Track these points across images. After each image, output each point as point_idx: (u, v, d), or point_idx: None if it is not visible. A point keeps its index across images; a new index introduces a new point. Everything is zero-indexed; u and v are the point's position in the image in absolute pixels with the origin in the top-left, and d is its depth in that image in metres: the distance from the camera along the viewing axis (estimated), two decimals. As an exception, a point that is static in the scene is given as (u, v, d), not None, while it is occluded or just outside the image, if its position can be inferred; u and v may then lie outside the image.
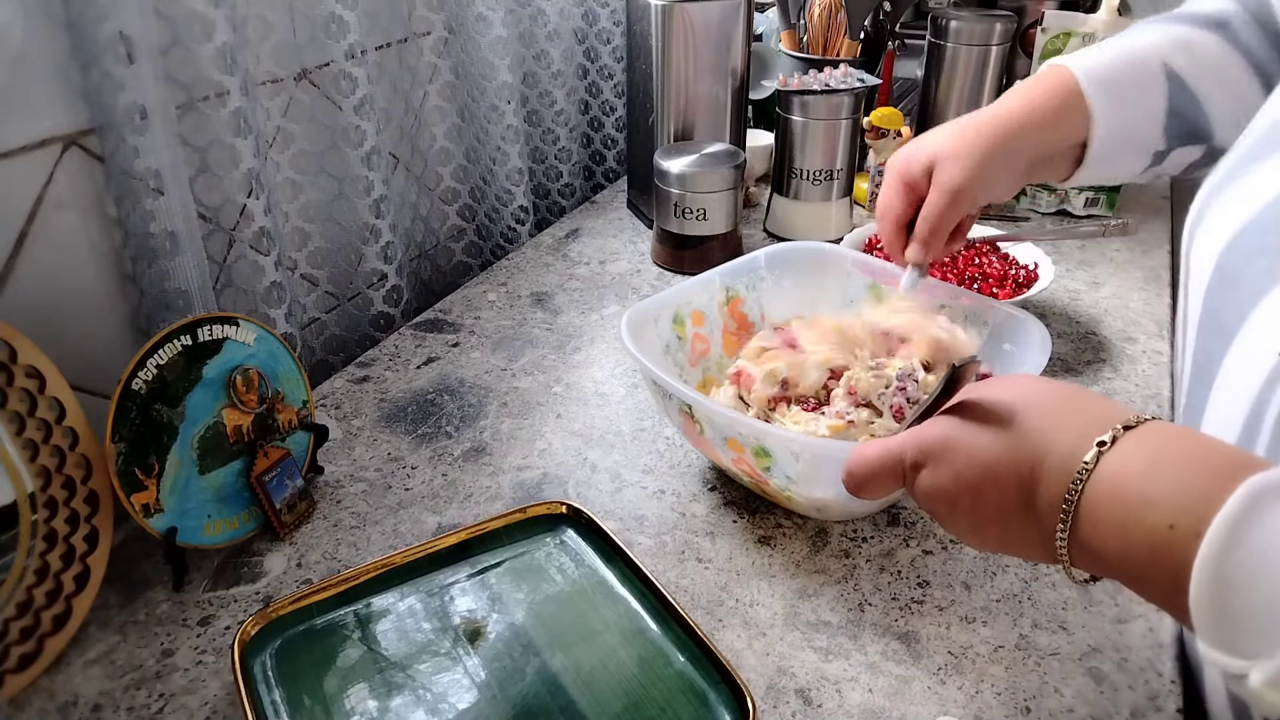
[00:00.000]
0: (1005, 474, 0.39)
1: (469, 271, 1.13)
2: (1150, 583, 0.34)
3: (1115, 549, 0.34)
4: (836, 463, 0.57)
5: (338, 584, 0.56)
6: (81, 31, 0.60)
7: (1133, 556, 0.34)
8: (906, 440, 0.43)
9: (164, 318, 0.68)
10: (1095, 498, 0.35)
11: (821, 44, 1.24)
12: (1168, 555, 0.32)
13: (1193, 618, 0.30)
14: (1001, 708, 0.50)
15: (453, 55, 1.01)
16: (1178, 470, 0.33)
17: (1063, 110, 0.62)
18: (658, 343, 0.69)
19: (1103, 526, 0.35)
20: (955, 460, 0.40)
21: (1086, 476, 0.35)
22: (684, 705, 0.49)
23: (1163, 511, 0.32)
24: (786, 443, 0.55)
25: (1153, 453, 0.34)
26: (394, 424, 0.76)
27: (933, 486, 0.42)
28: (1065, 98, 0.62)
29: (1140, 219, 1.09)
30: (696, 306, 0.72)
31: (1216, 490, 0.31)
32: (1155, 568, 0.33)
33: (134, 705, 0.52)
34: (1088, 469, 0.35)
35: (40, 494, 0.53)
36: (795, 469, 0.57)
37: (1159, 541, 0.32)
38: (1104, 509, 0.35)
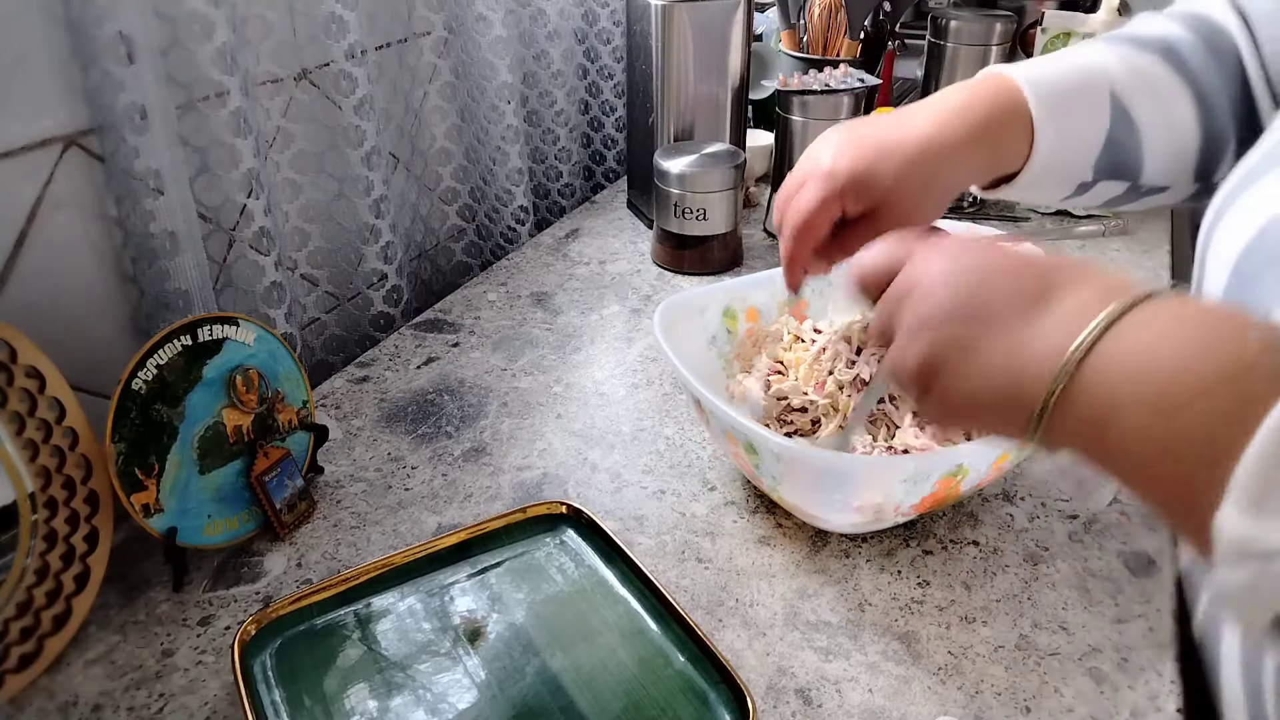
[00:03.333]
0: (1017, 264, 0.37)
1: (469, 271, 1.13)
2: (1176, 467, 0.31)
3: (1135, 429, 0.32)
4: (812, 469, 0.56)
5: (338, 584, 0.56)
6: (81, 31, 0.60)
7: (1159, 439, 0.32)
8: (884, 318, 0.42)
9: (164, 318, 0.68)
10: (1116, 375, 0.33)
11: (821, 44, 1.24)
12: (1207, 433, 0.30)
13: (1233, 493, 0.28)
14: (1001, 708, 0.50)
15: (453, 55, 1.01)
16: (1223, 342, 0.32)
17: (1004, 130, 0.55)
18: (701, 334, 0.69)
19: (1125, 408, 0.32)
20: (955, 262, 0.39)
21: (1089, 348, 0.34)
22: (684, 705, 0.49)
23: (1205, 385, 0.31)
24: (767, 443, 0.55)
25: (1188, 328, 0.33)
26: (394, 424, 0.76)
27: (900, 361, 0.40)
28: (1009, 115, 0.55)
29: (1140, 219, 1.09)
30: (753, 303, 0.72)
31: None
32: (1190, 447, 0.31)
33: (134, 705, 0.52)
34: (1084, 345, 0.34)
35: (40, 494, 0.53)
36: (778, 469, 0.57)
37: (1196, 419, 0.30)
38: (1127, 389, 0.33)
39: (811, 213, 0.55)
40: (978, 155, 0.55)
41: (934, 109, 0.56)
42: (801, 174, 0.57)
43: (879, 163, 0.54)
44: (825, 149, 0.56)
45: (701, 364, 0.67)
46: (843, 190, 0.54)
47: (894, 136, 0.54)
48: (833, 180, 0.54)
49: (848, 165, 0.54)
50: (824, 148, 0.56)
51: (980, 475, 0.57)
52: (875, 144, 0.54)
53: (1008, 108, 0.55)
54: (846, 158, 0.54)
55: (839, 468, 0.56)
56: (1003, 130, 0.55)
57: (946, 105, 0.56)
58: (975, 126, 0.54)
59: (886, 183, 0.54)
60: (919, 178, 0.54)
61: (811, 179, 0.55)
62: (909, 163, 0.54)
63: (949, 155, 0.54)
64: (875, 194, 0.54)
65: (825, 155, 0.55)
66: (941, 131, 0.54)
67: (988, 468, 0.56)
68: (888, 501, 0.55)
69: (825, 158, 0.55)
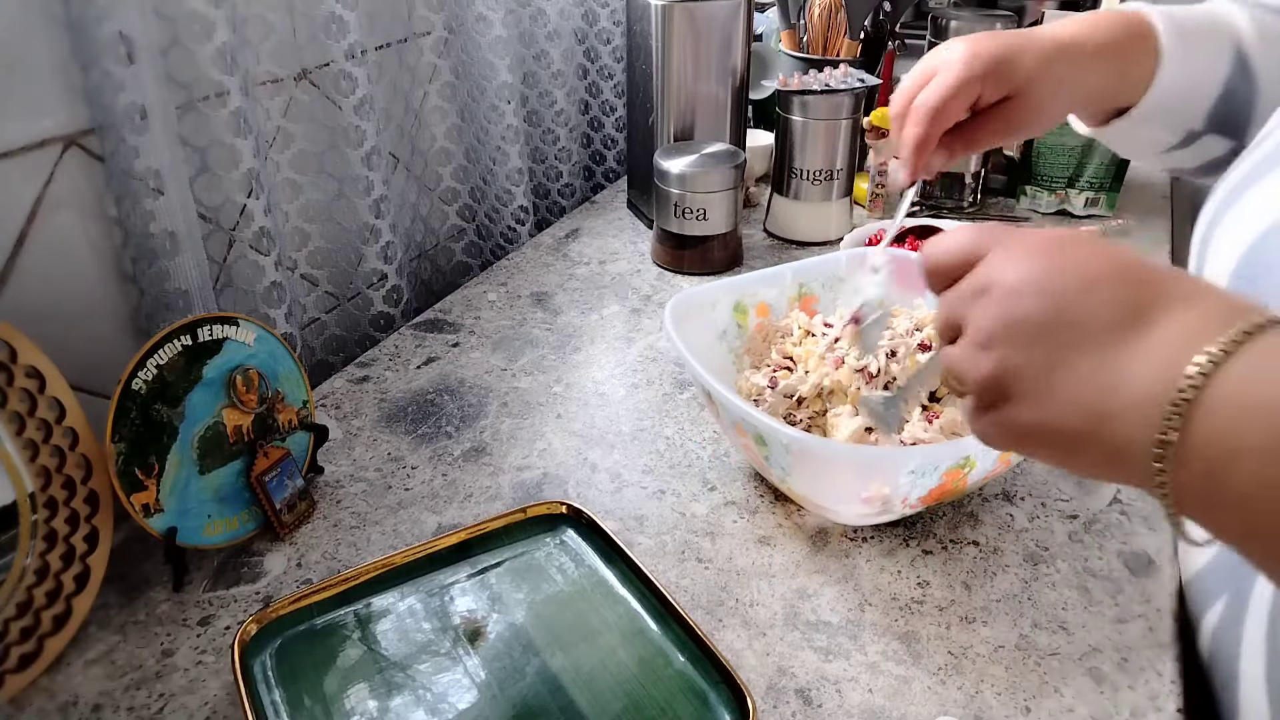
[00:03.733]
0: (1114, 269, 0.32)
1: (469, 271, 1.13)
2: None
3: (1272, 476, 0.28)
4: (821, 460, 0.57)
5: (338, 584, 0.56)
6: (81, 31, 0.60)
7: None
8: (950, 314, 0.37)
9: (164, 318, 0.68)
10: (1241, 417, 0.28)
11: (821, 44, 1.24)
12: None
13: None
14: (1001, 708, 0.50)
15: (453, 55, 1.01)
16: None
17: (1133, 51, 0.57)
18: (711, 329, 0.70)
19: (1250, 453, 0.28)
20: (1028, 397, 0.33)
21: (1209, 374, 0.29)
22: (684, 705, 0.49)
23: None
24: (777, 434, 0.55)
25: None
26: (394, 424, 0.76)
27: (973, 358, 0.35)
28: (1139, 38, 0.58)
29: (1140, 219, 1.09)
30: (764, 299, 0.73)
31: None
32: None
33: (134, 705, 0.52)
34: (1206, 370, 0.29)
35: (40, 494, 0.53)
36: (787, 461, 0.57)
37: None
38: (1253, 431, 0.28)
39: (952, 90, 0.56)
40: (1107, 68, 0.58)
41: (1068, 23, 0.59)
42: (931, 65, 0.58)
43: (1020, 51, 0.56)
44: (960, 43, 0.58)
45: (712, 358, 0.68)
46: (984, 74, 0.56)
47: (1032, 35, 0.57)
48: (975, 62, 0.56)
49: (990, 50, 0.56)
50: (959, 42, 0.58)
51: (987, 468, 0.57)
52: (1014, 36, 0.57)
53: (1139, 33, 0.58)
54: (988, 43, 0.56)
55: (847, 459, 0.57)
56: (1132, 51, 0.58)
57: (1081, 20, 0.59)
58: (1108, 41, 0.57)
59: (1026, 70, 0.56)
60: (1056, 72, 0.57)
61: (947, 65, 0.57)
62: (1047, 57, 0.56)
63: (1083, 59, 0.57)
64: (1014, 80, 0.56)
65: (961, 45, 0.57)
66: (1075, 38, 0.57)
67: (994, 460, 0.56)
68: (895, 493, 0.56)
69: (962, 46, 0.57)
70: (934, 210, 1.13)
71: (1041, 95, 0.57)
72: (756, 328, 0.72)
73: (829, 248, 1.04)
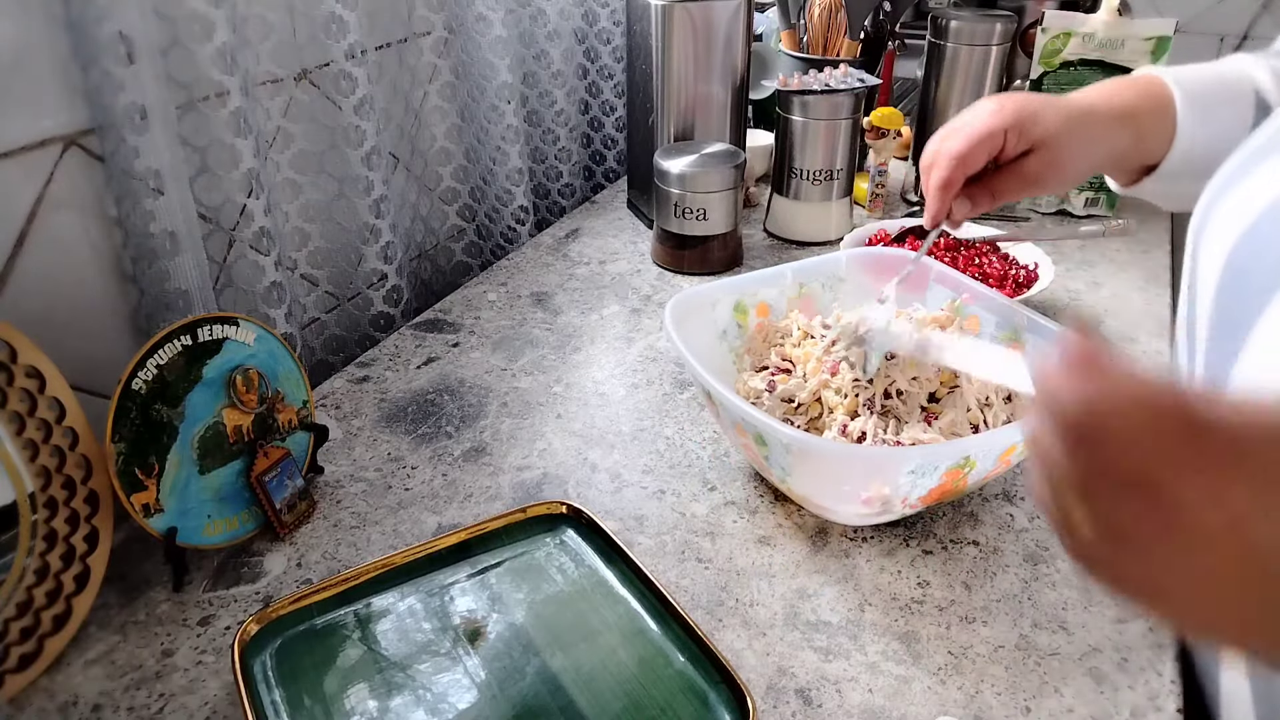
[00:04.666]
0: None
1: (469, 271, 1.13)
2: None
3: None
4: (821, 460, 0.57)
5: (338, 584, 0.56)
6: (81, 31, 0.60)
7: None
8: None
9: (164, 318, 0.68)
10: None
11: (821, 44, 1.24)
12: None
13: None
14: (1001, 708, 0.50)
15: (453, 55, 1.01)
16: None
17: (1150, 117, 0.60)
18: (712, 328, 0.70)
19: None
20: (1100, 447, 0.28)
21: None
22: (684, 705, 0.49)
23: None
24: (777, 434, 0.55)
25: None
26: (394, 424, 0.76)
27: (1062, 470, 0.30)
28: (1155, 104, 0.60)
29: (1140, 219, 1.09)
30: (764, 298, 0.73)
31: None
32: None
33: (134, 705, 0.52)
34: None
35: (40, 494, 0.53)
36: (787, 460, 0.57)
37: None
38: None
39: (976, 139, 0.59)
40: (1124, 132, 0.60)
41: (1088, 91, 0.62)
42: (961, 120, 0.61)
43: (1043, 108, 0.59)
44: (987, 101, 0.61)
45: (712, 358, 0.68)
46: (1008, 127, 0.59)
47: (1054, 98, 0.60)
48: (1000, 115, 0.59)
49: (1015, 105, 0.59)
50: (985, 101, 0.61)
51: (987, 468, 0.57)
52: (1039, 98, 0.60)
53: (1155, 98, 0.60)
54: (1014, 100, 0.59)
55: (847, 459, 0.57)
56: (1148, 116, 0.60)
57: (1100, 88, 0.62)
58: (1125, 107, 0.60)
59: (1047, 127, 0.59)
60: (1078, 133, 0.59)
61: (975, 115, 0.60)
62: (1068, 117, 0.59)
63: (1102, 123, 0.60)
64: (1036, 135, 0.59)
65: (989, 100, 0.60)
66: (1094, 104, 0.60)
67: (995, 460, 0.56)
68: (895, 493, 0.56)
69: (989, 102, 0.60)
70: (934, 210, 1.12)
71: (1061, 152, 0.60)
72: (757, 328, 0.72)
73: (829, 248, 1.04)
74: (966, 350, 0.57)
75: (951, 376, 0.63)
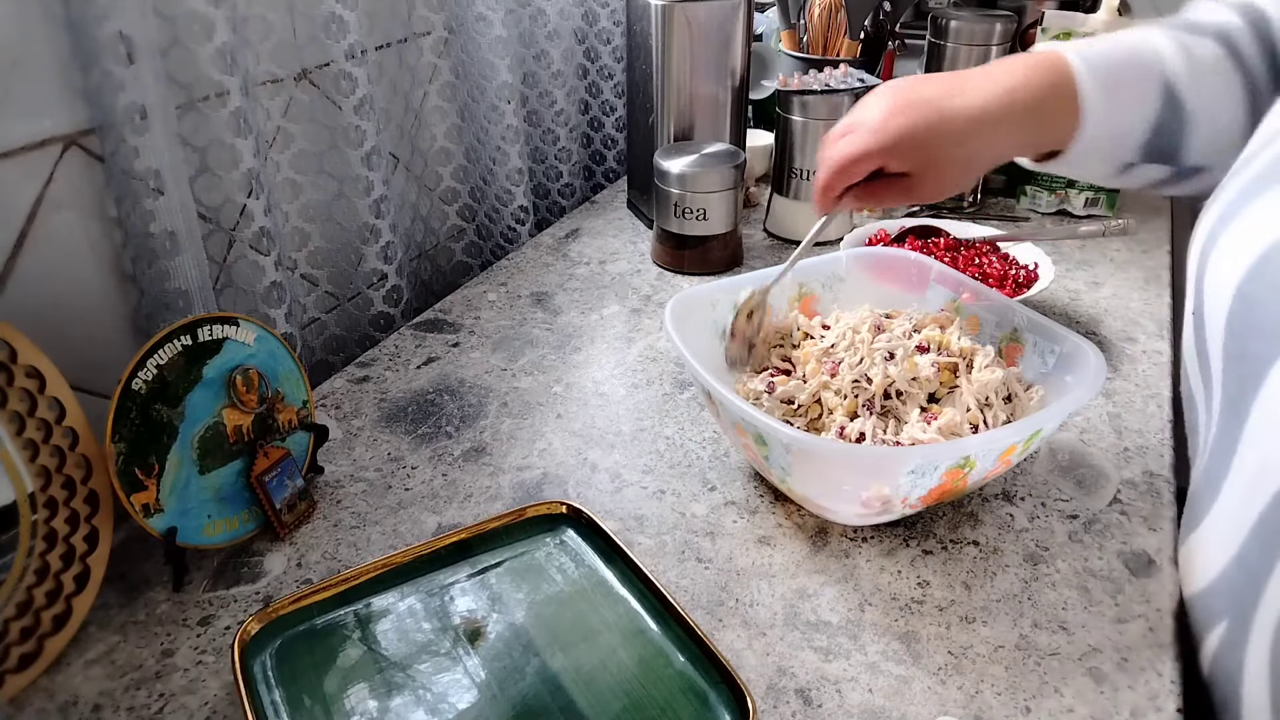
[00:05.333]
0: None
1: (469, 271, 1.13)
2: None
3: None
4: (821, 460, 0.57)
5: (338, 584, 0.56)
6: (81, 31, 0.60)
7: None
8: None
9: (164, 318, 0.68)
10: None
11: (821, 44, 1.24)
12: None
13: None
14: (1001, 708, 0.50)
15: (453, 55, 1.01)
16: None
17: (1054, 111, 0.57)
18: (712, 328, 0.70)
19: None
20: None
21: None
22: (684, 705, 0.49)
23: None
24: (777, 434, 0.55)
25: None
26: (394, 424, 0.76)
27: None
28: (1060, 96, 0.57)
29: (1140, 219, 1.09)
30: None
31: None
32: None
33: (134, 705, 0.52)
34: None
35: (40, 494, 0.53)
36: (787, 460, 0.57)
37: None
38: None
39: (852, 159, 0.57)
40: (1024, 133, 0.58)
41: (989, 82, 0.58)
42: (853, 120, 0.59)
43: (930, 131, 0.56)
44: (882, 101, 0.58)
45: (712, 358, 0.67)
46: (888, 149, 0.57)
47: (949, 106, 0.56)
48: (881, 136, 0.56)
49: (900, 126, 0.56)
50: (881, 100, 0.58)
51: (987, 468, 0.57)
52: (930, 111, 0.56)
53: (1060, 88, 0.57)
54: (901, 117, 0.56)
55: (847, 459, 0.57)
56: (1053, 111, 0.57)
57: (1002, 81, 0.58)
58: (1027, 106, 0.57)
59: (932, 152, 0.56)
60: (964, 153, 0.57)
61: (862, 128, 0.57)
62: (958, 138, 0.56)
63: (997, 132, 0.57)
64: (918, 160, 0.57)
65: (880, 109, 0.57)
66: (991, 107, 0.56)
67: (995, 460, 0.56)
68: (895, 493, 0.56)
69: (879, 111, 0.57)
70: (934, 210, 1.13)
71: (948, 172, 0.58)
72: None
73: (829, 248, 1.04)
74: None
75: (951, 377, 0.63)
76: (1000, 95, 0.57)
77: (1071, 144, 0.58)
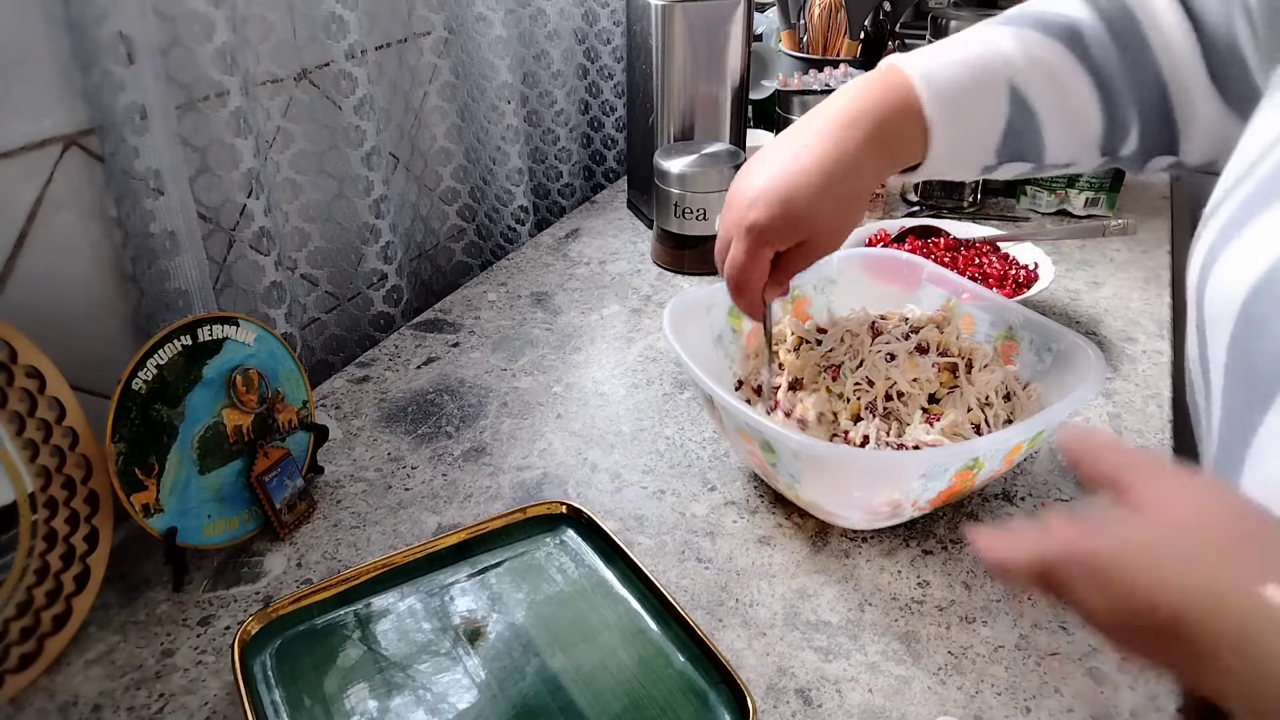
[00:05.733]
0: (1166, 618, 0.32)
1: (469, 271, 1.13)
2: None
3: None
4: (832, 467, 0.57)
5: (338, 584, 0.56)
6: (81, 31, 0.60)
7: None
8: (1061, 550, 0.35)
9: (164, 318, 0.68)
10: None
11: (821, 44, 1.24)
12: None
13: None
14: (1001, 708, 0.50)
15: (453, 55, 1.01)
16: None
17: (899, 135, 0.57)
18: (708, 332, 0.70)
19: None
20: (1113, 588, 0.33)
21: None
22: (684, 705, 0.49)
23: None
24: (786, 441, 0.55)
25: None
26: (394, 424, 0.76)
27: (1081, 609, 0.35)
28: (903, 118, 0.56)
29: (1140, 219, 1.09)
30: None
31: None
32: None
33: (134, 705, 0.52)
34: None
35: (40, 494, 0.53)
36: (796, 467, 0.57)
37: None
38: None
39: (744, 268, 0.58)
40: (877, 162, 0.57)
41: (828, 123, 0.57)
42: (726, 231, 0.59)
43: (790, 205, 0.56)
44: (739, 202, 0.58)
45: (709, 362, 0.67)
46: (766, 241, 0.57)
47: (797, 172, 0.56)
48: (753, 234, 0.57)
49: (764, 218, 0.56)
50: (737, 200, 0.58)
51: (994, 468, 0.57)
52: (782, 187, 0.56)
53: (902, 110, 0.56)
54: (758, 210, 0.56)
55: (859, 465, 0.57)
56: (898, 135, 0.56)
57: (840, 117, 0.57)
58: (871, 135, 0.56)
59: (804, 220, 0.56)
60: (830, 203, 0.56)
61: (736, 237, 0.58)
62: (818, 194, 0.55)
63: (852, 171, 0.56)
64: (798, 232, 0.57)
65: (740, 210, 0.58)
66: (839, 149, 0.56)
67: (1001, 460, 0.56)
68: (906, 497, 0.56)
69: (741, 213, 0.57)
70: (934, 210, 1.13)
71: (830, 225, 0.58)
72: (749, 336, 0.71)
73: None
74: None
75: (951, 377, 0.63)
76: (843, 133, 0.56)
77: (925, 160, 0.58)
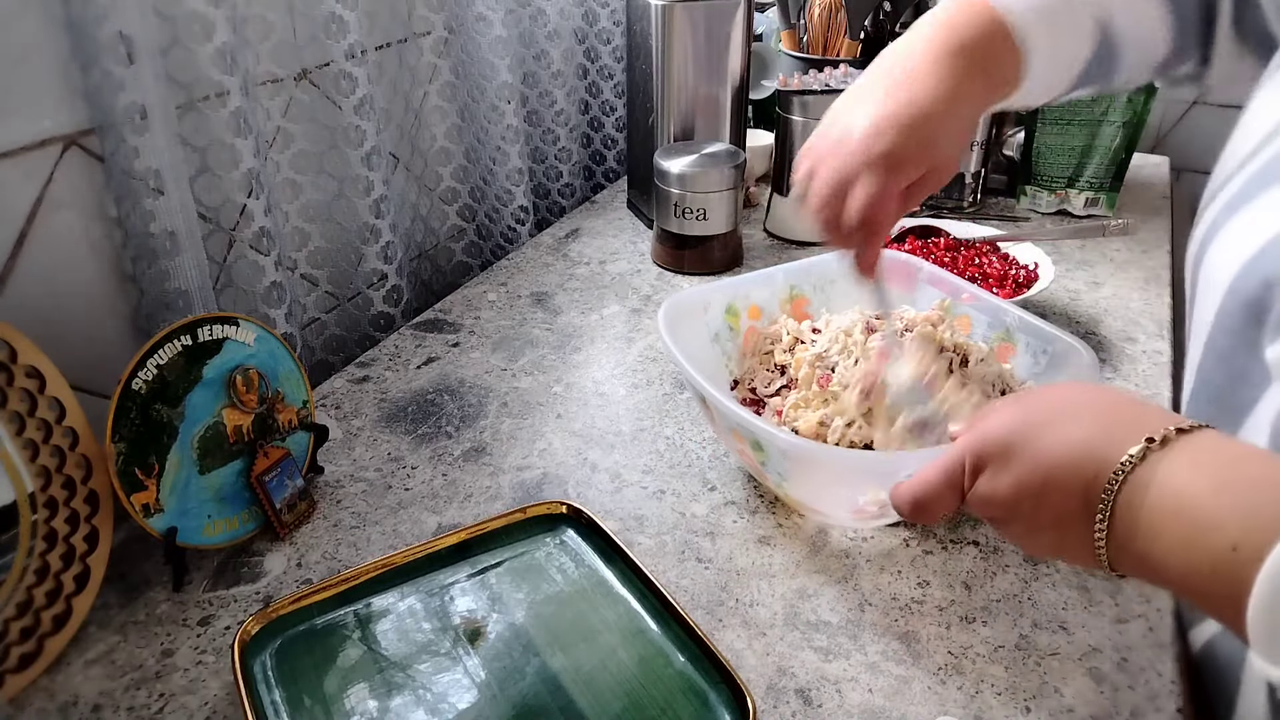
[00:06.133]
0: (1068, 478, 0.38)
1: (469, 271, 1.13)
2: (1210, 599, 0.34)
3: (1176, 564, 0.35)
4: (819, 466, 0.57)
5: (338, 584, 0.56)
6: (81, 31, 0.60)
7: (1194, 573, 0.34)
8: (965, 446, 0.42)
9: (164, 318, 0.68)
10: (1157, 511, 0.35)
11: (821, 44, 1.24)
12: (1229, 575, 0.32)
13: (1250, 635, 0.31)
14: (1001, 708, 0.50)
15: (453, 55, 1.01)
16: (1244, 492, 0.34)
17: (998, 66, 0.57)
18: (705, 331, 0.70)
19: (1163, 539, 0.35)
20: (1018, 463, 0.39)
21: (1130, 469, 0.36)
22: (684, 705, 0.49)
23: (1227, 533, 0.33)
24: (775, 440, 0.55)
25: (1218, 472, 0.35)
26: (394, 424, 0.76)
27: (990, 493, 0.41)
28: (1001, 49, 0.57)
29: (1140, 219, 1.09)
30: (755, 301, 0.73)
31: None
32: (1216, 585, 0.33)
33: (134, 705, 0.52)
34: (1132, 462, 0.36)
35: (40, 494, 0.53)
36: (784, 466, 0.57)
37: (1221, 561, 0.33)
38: (1165, 524, 0.35)
39: (878, 202, 0.55)
40: (986, 91, 0.58)
41: (933, 52, 0.56)
42: (841, 172, 0.56)
43: (921, 129, 0.55)
44: (853, 136, 0.55)
45: (705, 361, 0.67)
46: (900, 168, 0.55)
47: (921, 98, 0.55)
48: (887, 162, 0.55)
49: (898, 144, 0.54)
50: (850, 135, 0.56)
51: None
52: (908, 113, 0.55)
53: (1001, 40, 0.56)
54: (888, 138, 0.54)
55: (844, 465, 0.57)
56: (997, 64, 0.57)
57: (944, 46, 0.56)
58: (976, 65, 0.56)
59: (936, 145, 0.56)
60: (956, 128, 0.57)
61: (863, 172, 0.55)
62: (946, 118, 0.55)
63: (968, 97, 0.56)
64: (929, 158, 0.56)
65: (863, 142, 0.55)
66: (954, 76, 0.56)
67: None
68: None
69: (866, 145, 0.55)
70: (934, 210, 1.13)
71: (950, 156, 0.58)
72: (746, 335, 0.71)
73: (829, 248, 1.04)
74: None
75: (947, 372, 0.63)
76: (950, 66, 0.56)
77: (1017, 89, 0.58)
